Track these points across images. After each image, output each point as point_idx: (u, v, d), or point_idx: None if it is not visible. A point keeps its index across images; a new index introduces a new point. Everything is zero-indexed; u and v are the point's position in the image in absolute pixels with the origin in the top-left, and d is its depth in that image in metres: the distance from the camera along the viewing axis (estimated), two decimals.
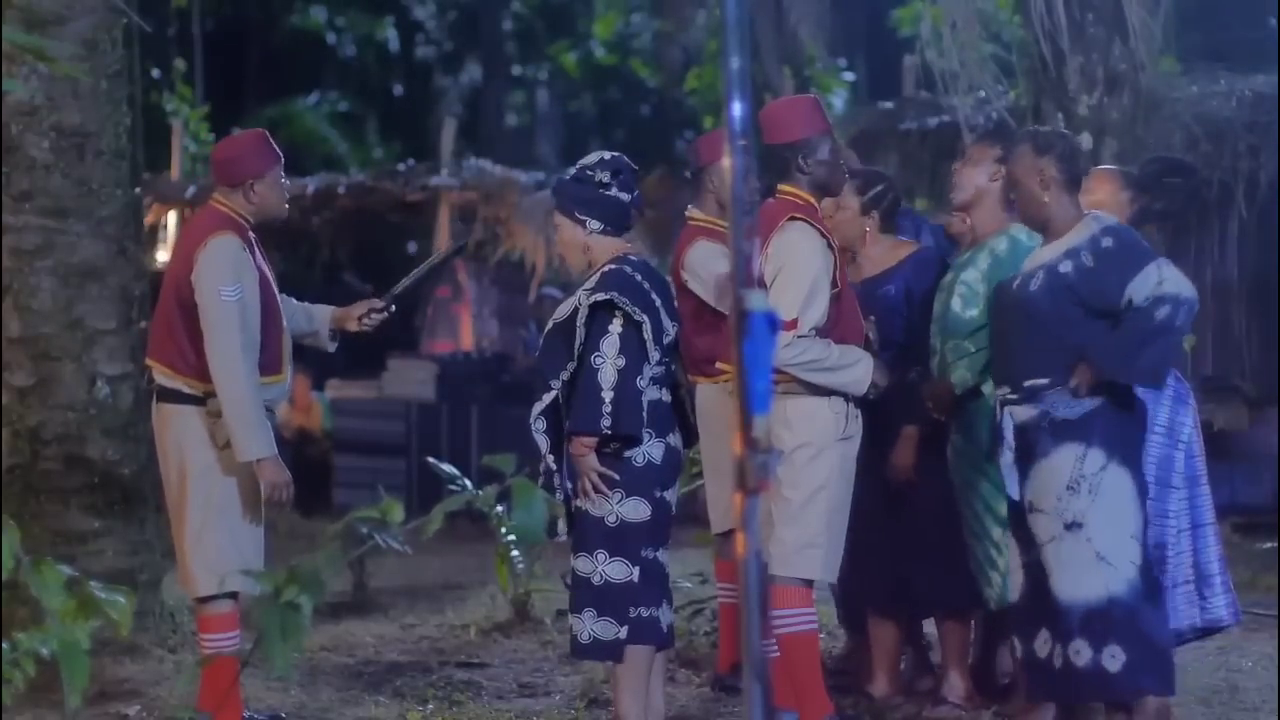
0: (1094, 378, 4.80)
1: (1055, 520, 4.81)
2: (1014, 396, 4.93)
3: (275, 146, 5.57)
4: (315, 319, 5.78)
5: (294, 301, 5.77)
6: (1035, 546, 4.89)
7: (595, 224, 5.24)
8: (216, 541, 5.35)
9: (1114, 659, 4.75)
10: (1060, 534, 4.80)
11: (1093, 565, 4.76)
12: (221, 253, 5.34)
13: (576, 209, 5.25)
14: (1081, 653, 4.76)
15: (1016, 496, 4.96)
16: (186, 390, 5.40)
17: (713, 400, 5.79)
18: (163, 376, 5.44)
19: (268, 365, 5.43)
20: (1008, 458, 4.93)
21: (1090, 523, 4.77)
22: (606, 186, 5.23)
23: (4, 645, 2.80)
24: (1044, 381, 4.86)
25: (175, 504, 5.49)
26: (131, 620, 2.85)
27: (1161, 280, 4.76)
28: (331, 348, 5.81)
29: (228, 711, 5.24)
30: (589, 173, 5.25)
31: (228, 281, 5.30)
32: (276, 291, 5.54)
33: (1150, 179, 5.47)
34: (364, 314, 5.73)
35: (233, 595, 5.36)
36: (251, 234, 5.48)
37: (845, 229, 5.81)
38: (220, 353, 5.28)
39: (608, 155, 5.31)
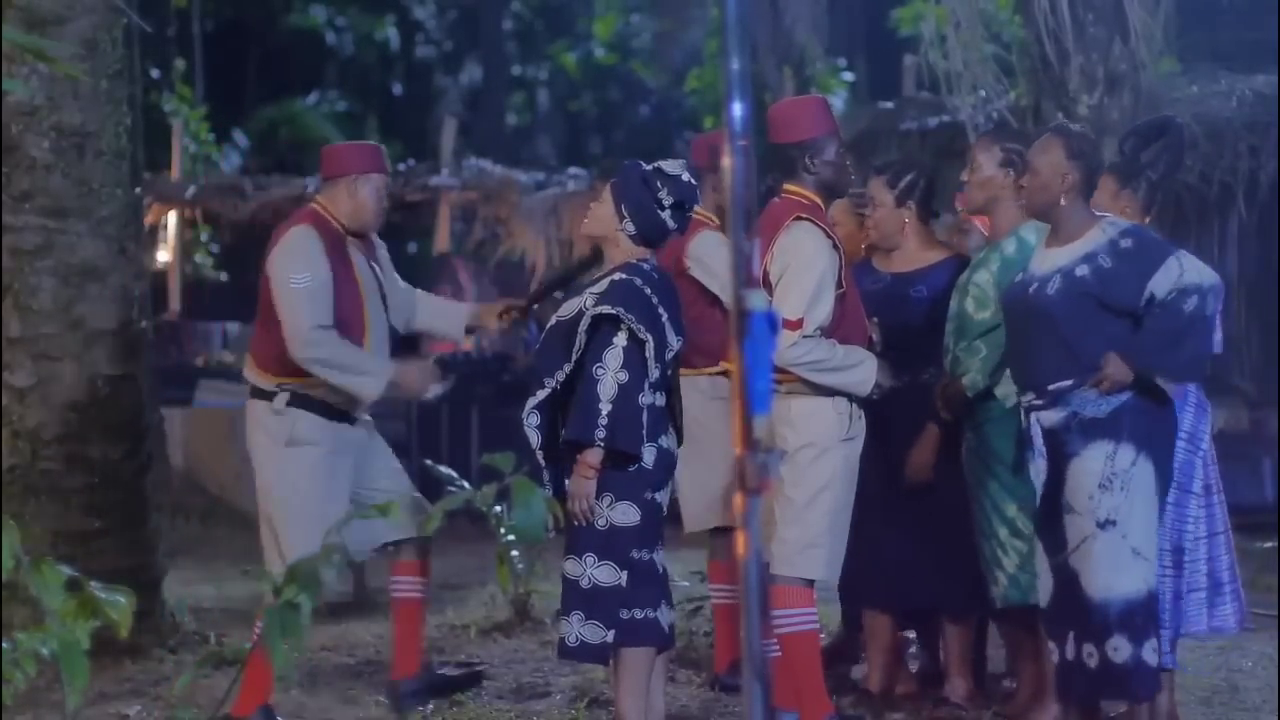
0: (1123, 376, 4.76)
1: (1088, 519, 4.78)
2: (1039, 402, 4.90)
3: (386, 161, 5.77)
4: (449, 314, 6.13)
5: (427, 295, 6.13)
6: (1065, 548, 4.84)
7: (631, 228, 5.18)
8: (281, 532, 5.45)
9: (1154, 653, 4.76)
10: (1094, 533, 4.77)
11: (1130, 561, 4.75)
12: (295, 242, 5.51)
13: (625, 203, 5.18)
14: (1120, 649, 4.72)
15: (1042, 501, 4.94)
16: (260, 385, 5.54)
17: (693, 394, 5.69)
18: (250, 372, 5.62)
19: None
20: (1040, 465, 4.90)
21: (1124, 519, 4.75)
22: (663, 207, 5.16)
23: (4, 645, 2.80)
24: (1068, 383, 4.83)
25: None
26: (131, 620, 2.84)
27: (1183, 271, 4.77)
28: (465, 341, 5.90)
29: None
30: (659, 184, 5.17)
31: (298, 269, 5.45)
32: (366, 302, 5.62)
33: (1133, 151, 5.41)
34: (504, 311, 6.04)
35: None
36: (350, 240, 5.62)
37: (884, 225, 5.78)
38: (293, 332, 5.40)
39: (685, 178, 5.18)
